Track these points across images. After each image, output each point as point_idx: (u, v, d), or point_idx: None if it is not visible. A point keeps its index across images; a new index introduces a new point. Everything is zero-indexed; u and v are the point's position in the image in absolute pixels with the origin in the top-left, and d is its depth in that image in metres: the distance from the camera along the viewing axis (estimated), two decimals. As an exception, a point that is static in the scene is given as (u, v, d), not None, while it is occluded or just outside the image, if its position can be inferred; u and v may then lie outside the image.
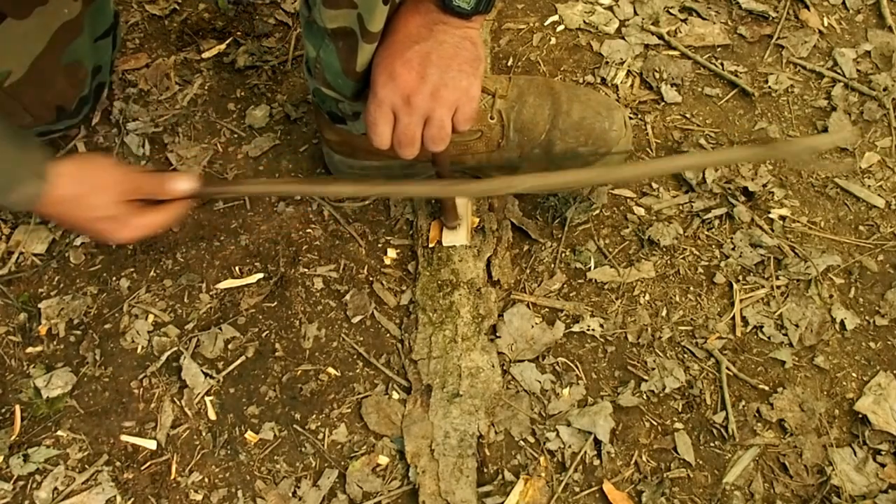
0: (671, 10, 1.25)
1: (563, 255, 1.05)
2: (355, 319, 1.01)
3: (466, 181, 0.98)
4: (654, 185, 1.09)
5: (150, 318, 1.02)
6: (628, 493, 0.90)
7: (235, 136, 1.15)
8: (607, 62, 1.20)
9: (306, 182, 0.96)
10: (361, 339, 1.01)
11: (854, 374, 0.97)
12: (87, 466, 0.94)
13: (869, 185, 1.09)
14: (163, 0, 1.27)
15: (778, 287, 1.02)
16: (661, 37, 1.22)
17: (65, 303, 1.03)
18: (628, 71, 1.19)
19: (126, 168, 0.87)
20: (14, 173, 0.77)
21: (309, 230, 1.07)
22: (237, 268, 1.05)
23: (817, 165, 1.08)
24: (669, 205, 1.08)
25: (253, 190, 0.96)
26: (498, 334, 0.99)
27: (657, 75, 1.18)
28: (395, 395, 0.96)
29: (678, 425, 0.94)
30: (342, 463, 0.93)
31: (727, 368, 0.96)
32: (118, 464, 0.94)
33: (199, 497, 0.92)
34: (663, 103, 1.16)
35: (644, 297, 1.02)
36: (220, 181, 0.94)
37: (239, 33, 1.24)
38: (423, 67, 0.81)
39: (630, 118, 1.10)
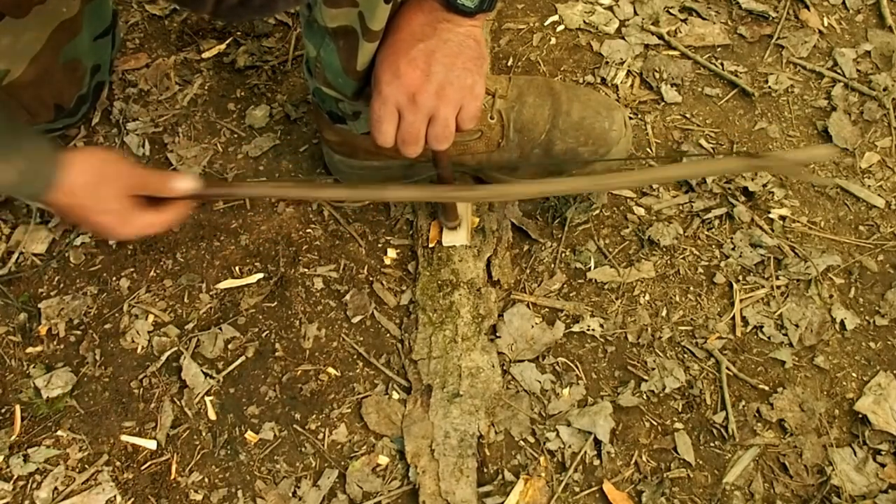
0: (671, 10, 1.25)
1: (563, 255, 1.05)
2: (355, 319, 1.01)
3: (463, 187, 0.98)
4: (654, 185, 1.09)
5: (150, 318, 1.02)
6: (628, 493, 0.90)
7: (235, 136, 1.15)
8: (607, 62, 1.20)
9: (308, 185, 0.97)
10: (361, 339, 1.01)
11: (854, 374, 0.97)
12: (87, 466, 0.94)
13: (869, 185, 1.09)
14: (163, 0, 1.27)
15: (778, 287, 1.02)
16: (661, 37, 1.22)
17: (65, 303, 1.03)
18: (628, 71, 1.19)
19: (131, 162, 0.87)
20: (26, 162, 0.77)
21: (309, 230, 1.07)
22: (237, 268, 1.05)
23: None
24: (669, 205, 1.08)
25: (255, 192, 0.96)
26: (498, 334, 0.99)
27: (657, 75, 1.18)
28: (395, 395, 0.96)
29: (678, 425, 0.94)
30: (342, 463, 0.93)
31: (727, 368, 0.96)
32: (118, 464, 0.94)
33: (199, 497, 0.92)
34: (663, 103, 1.16)
35: (644, 297, 1.02)
36: (222, 183, 0.95)
37: (239, 33, 1.24)
38: (427, 66, 0.81)
39: (630, 118, 1.10)
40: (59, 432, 0.96)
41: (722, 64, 1.20)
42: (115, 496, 0.92)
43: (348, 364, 0.99)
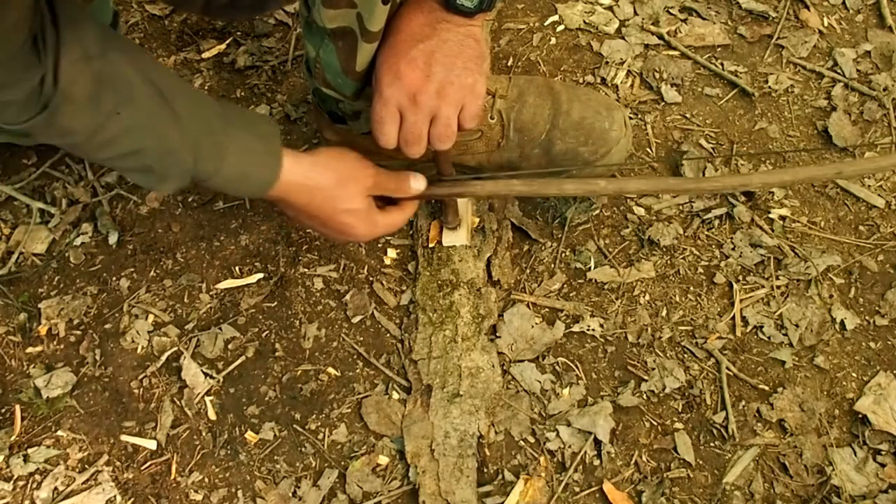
0: (671, 10, 1.25)
1: (563, 255, 1.05)
2: (355, 319, 1.01)
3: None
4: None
5: (150, 318, 1.02)
6: (628, 493, 0.90)
7: (235, 136, 1.15)
8: (607, 62, 1.20)
9: (536, 182, 0.92)
10: (361, 339, 1.01)
11: (854, 374, 0.97)
12: (87, 466, 0.94)
13: (869, 185, 1.09)
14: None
15: (778, 287, 1.02)
16: (661, 37, 1.22)
17: (65, 303, 1.03)
18: (628, 71, 1.19)
19: (370, 163, 0.87)
20: (253, 157, 0.77)
21: (309, 230, 1.07)
22: (237, 268, 1.05)
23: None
24: (669, 205, 1.08)
25: (482, 191, 0.92)
26: (498, 334, 0.99)
27: (657, 75, 1.18)
28: (395, 395, 0.96)
29: (678, 425, 0.94)
30: (342, 463, 0.93)
31: (727, 368, 0.96)
32: (118, 464, 0.94)
33: (199, 497, 0.92)
34: (663, 103, 1.16)
35: (644, 297, 1.02)
36: (450, 181, 0.93)
37: (239, 33, 1.24)
38: (428, 66, 0.81)
39: (630, 118, 1.10)
40: (59, 432, 0.96)
41: (722, 64, 1.20)
42: (115, 496, 0.92)
43: (348, 364, 0.99)
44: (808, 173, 0.95)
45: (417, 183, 0.89)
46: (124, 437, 0.95)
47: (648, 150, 1.12)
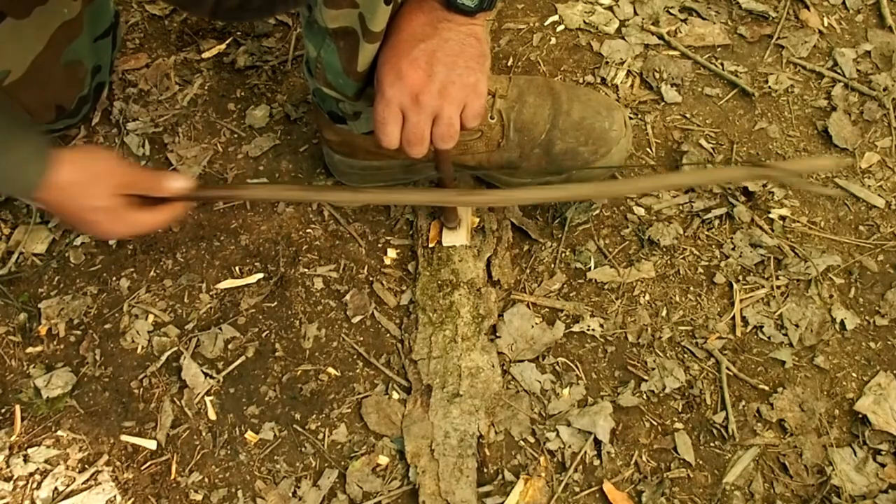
0: (671, 10, 1.25)
1: (563, 255, 1.05)
2: (355, 319, 1.01)
3: (463, 191, 0.98)
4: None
5: (150, 318, 1.02)
6: (628, 493, 0.90)
7: (235, 136, 1.15)
8: (607, 62, 1.20)
9: (305, 188, 0.96)
10: (361, 339, 1.01)
11: (854, 374, 0.97)
12: (87, 466, 0.94)
13: (869, 185, 1.09)
14: (162, 1, 1.27)
15: (778, 287, 1.02)
16: (661, 37, 1.22)
17: (65, 303, 1.03)
18: (628, 71, 1.19)
19: (125, 161, 0.87)
20: (17, 159, 0.77)
21: (309, 230, 1.07)
22: (237, 268, 1.05)
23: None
24: (669, 205, 1.08)
25: (251, 194, 0.95)
26: (498, 334, 0.99)
27: (657, 75, 1.18)
28: (395, 395, 0.96)
29: (678, 425, 0.94)
30: (342, 463, 0.93)
31: (727, 368, 0.96)
32: (118, 464, 0.94)
33: (199, 497, 0.92)
34: (663, 103, 1.16)
35: (644, 297, 1.02)
36: (217, 185, 0.94)
37: (239, 33, 1.24)
38: (429, 66, 0.81)
39: (630, 118, 1.10)
40: (59, 432, 0.96)
41: (722, 64, 1.20)
42: (115, 496, 0.92)
43: (348, 364, 0.99)
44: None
45: (174, 183, 0.87)
46: (124, 437, 0.95)
47: (648, 150, 1.12)
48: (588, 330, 1.00)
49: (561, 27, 1.24)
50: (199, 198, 0.94)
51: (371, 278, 1.04)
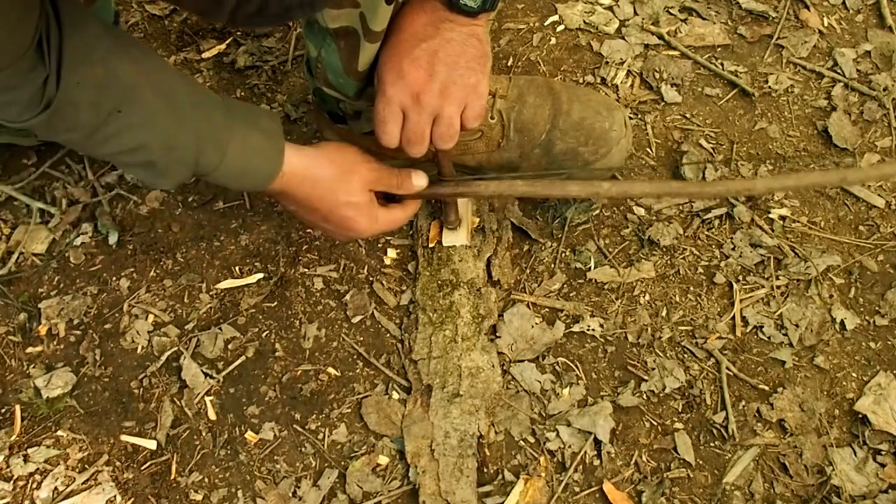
0: (671, 10, 1.25)
1: (563, 255, 1.05)
2: (355, 319, 1.01)
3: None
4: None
5: (150, 318, 1.02)
6: (628, 493, 0.90)
7: (235, 135, 1.15)
8: (607, 62, 1.20)
9: (540, 183, 0.91)
10: (361, 339, 1.01)
11: (854, 374, 0.97)
12: (87, 466, 0.94)
13: (869, 185, 1.09)
14: (163, 0, 1.27)
15: (778, 287, 1.02)
16: (661, 37, 1.22)
17: (65, 303, 1.03)
18: (628, 71, 1.19)
19: (371, 157, 0.87)
20: (257, 144, 0.77)
21: (309, 230, 1.07)
22: (237, 268, 1.05)
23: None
24: (669, 205, 1.08)
25: (485, 191, 0.92)
26: (498, 334, 0.99)
27: (657, 75, 1.18)
28: (395, 395, 0.96)
29: (678, 425, 0.94)
30: (342, 463, 0.93)
31: (727, 368, 0.96)
32: (118, 464, 0.94)
33: (199, 497, 0.92)
34: (663, 103, 1.16)
35: (644, 297, 1.02)
36: (454, 182, 0.93)
37: (239, 33, 1.24)
38: (431, 65, 0.81)
39: (630, 118, 1.10)
40: (59, 432, 0.96)
41: (722, 64, 1.20)
42: (115, 496, 0.92)
43: (348, 364, 0.99)
44: (812, 179, 0.94)
45: (419, 180, 0.90)
46: (124, 437, 0.95)
47: (648, 150, 1.12)
48: (588, 330, 1.00)
49: (561, 27, 1.24)
50: (435, 195, 0.94)
51: (371, 278, 1.04)
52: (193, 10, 0.85)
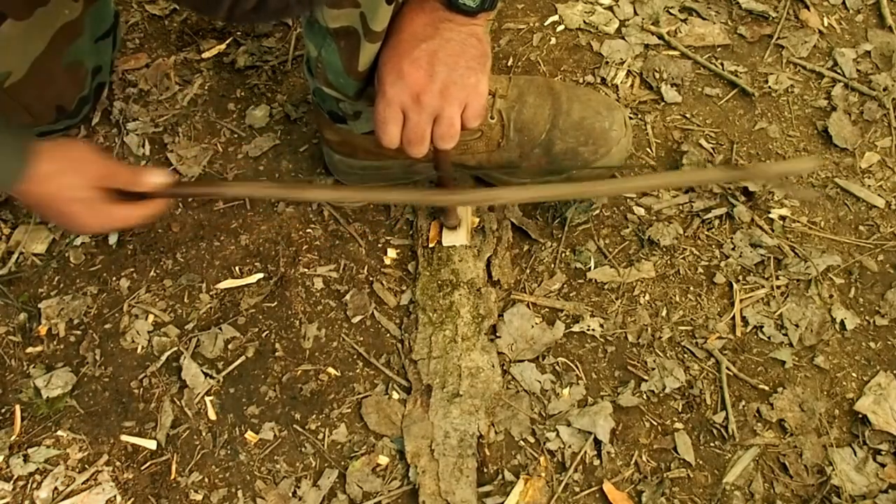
0: (671, 10, 1.25)
1: (563, 255, 1.05)
2: (355, 319, 1.01)
3: (448, 191, 0.98)
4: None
5: (150, 318, 1.02)
6: (628, 493, 0.90)
7: (235, 136, 1.15)
8: (607, 62, 1.20)
9: (282, 186, 0.95)
10: (361, 339, 1.01)
11: (854, 374, 0.97)
12: (87, 466, 0.94)
13: (869, 185, 1.09)
14: (163, 0, 1.27)
15: (778, 287, 1.02)
16: (661, 37, 1.22)
17: (65, 303, 1.03)
18: (628, 71, 1.19)
19: (104, 154, 0.87)
20: None
21: (309, 230, 1.07)
22: (237, 268, 1.05)
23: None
24: (669, 205, 1.08)
25: (228, 192, 0.94)
26: (498, 334, 0.99)
27: (657, 75, 1.18)
28: (395, 395, 0.96)
29: (678, 425, 0.94)
30: (342, 463, 0.93)
31: (727, 368, 0.96)
32: (118, 464, 0.94)
33: (199, 497, 0.92)
34: (663, 103, 1.16)
35: (644, 297, 1.02)
36: (201, 181, 0.94)
37: (239, 33, 1.24)
38: (431, 66, 0.81)
39: (630, 118, 1.10)
40: (59, 432, 0.96)
41: (722, 64, 1.20)
42: (115, 496, 0.92)
43: (348, 364, 0.99)
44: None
45: (154, 177, 0.86)
46: (124, 437, 0.95)
47: (648, 150, 1.12)
48: (588, 330, 1.00)
49: (561, 27, 1.24)
50: (178, 194, 0.93)
51: (371, 278, 1.04)
52: (191, 7, 0.85)
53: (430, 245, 1.04)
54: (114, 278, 1.05)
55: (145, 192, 0.87)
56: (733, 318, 1.00)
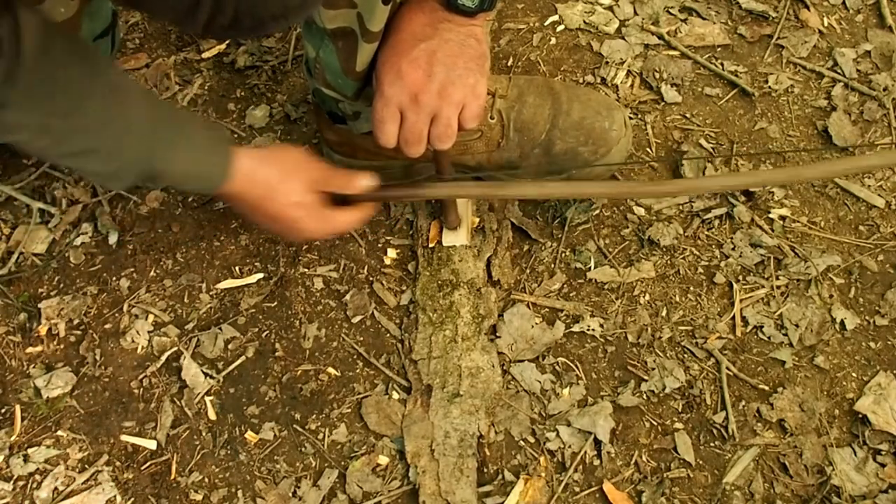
0: (671, 10, 1.25)
1: (563, 255, 1.05)
2: (355, 319, 1.01)
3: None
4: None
5: (150, 318, 1.02)
6: (628, 493, 0.90)
7: (235, 136, 1.15)
8: (607, 62, 1.20)
9: (486, 185, 0.93)
10: (361, 339, 1.01)
11: (854, 374, 0.97)
12: (87, 466, 0.94)
13: (869, 185, 1.09)
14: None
15: (778, 287, 1.02)
16: (661, 37, 1.22)
17: (65, 303, 1.03)
18: (628, 71, 1.19)
19: (317, 158, 0.87)
20: (202, 151, 0.78)
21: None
22: (237, 268, 1.05)
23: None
24: (669, 204, 1.08)
25: (432, 193, 0.93)
26: (498, 334, 0.99)
27: (657, 75, 1.18)
28: (395, 395, 0.96)
29: (678, 425, 0.94)
30: (342, 463, 0.93)
31: (727, 368, 0.96)
32: (118, 464, 0.94)
33: (199, 497, 0.92)
34: (663, 103, 1.16)
35: (644, 297, 1.02)
36: (401, 184, 0.93)
37: (239, 33, 1.24)
38: (429, 66, 0.81)
39: (630, 118, 1.10)
40: (59, 432, 0.96)
41: (722, 64, 1.20)
42: (115, 496, 0.92)
43: (348, 364, 0.99)
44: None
45: (367, 181, 0.88)
46: (124, 437, 0.95)
47: (648, 150, 1.12)
48: (588, 330, 1.00)
49: (561, 27, 1.24)
50: (383, 197, 0.94)
51: (371, 278, 1.04)
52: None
53: (430, 245, 1.04)
54: (114, 278, 1.05)
55: (353, 195, 0.88)
56: (733, 318, 1.00)
